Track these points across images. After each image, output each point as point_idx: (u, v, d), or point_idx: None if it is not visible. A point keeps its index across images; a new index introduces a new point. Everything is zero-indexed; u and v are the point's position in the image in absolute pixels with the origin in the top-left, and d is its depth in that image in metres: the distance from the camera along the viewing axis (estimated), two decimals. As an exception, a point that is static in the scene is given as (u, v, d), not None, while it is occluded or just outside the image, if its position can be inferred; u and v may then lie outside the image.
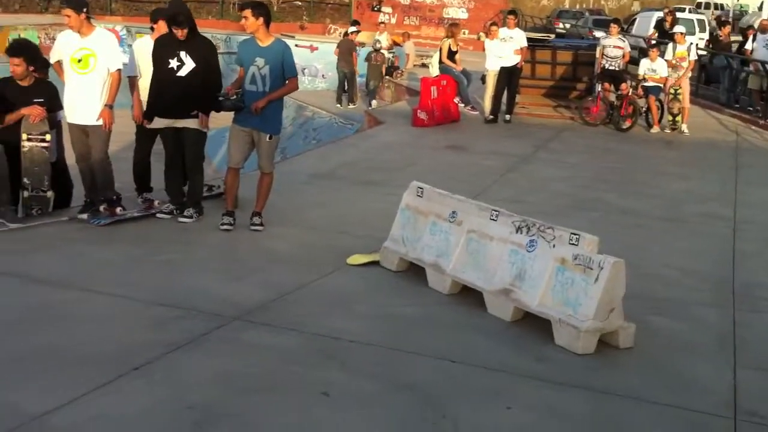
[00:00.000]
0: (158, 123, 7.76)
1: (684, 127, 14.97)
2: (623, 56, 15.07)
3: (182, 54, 7.54)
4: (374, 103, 17.93)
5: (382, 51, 19.46)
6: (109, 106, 7.52)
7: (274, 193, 7.96)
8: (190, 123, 7.69)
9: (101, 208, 7.77)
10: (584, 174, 11.35)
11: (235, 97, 7.47)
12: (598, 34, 25.94)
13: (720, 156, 13.23)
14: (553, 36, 23.99)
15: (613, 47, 15.02)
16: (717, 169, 12.08)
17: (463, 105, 15.94)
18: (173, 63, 7.53)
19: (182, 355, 4.97)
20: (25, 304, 5.67)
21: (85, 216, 7.70)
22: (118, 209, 7.77)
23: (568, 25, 38.40)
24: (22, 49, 7.60)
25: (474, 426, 4.33)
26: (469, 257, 6.23)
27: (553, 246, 5.68)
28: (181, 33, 7.47)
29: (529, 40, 16.11)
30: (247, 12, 7.42)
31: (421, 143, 13.14)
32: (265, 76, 7.42)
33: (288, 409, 4.40)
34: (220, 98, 7.50)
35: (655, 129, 14.89)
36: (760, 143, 14.63)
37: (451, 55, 15.88)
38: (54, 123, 7.76)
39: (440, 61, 16.01)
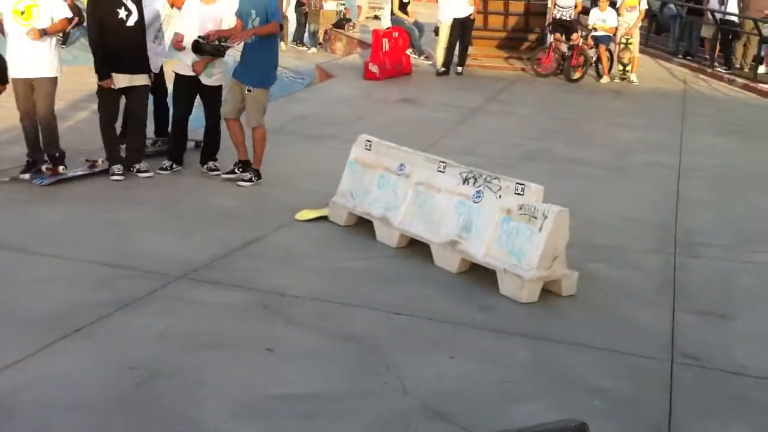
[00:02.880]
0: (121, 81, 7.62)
1: (633, 77, 15.10)
2: (575, 6, 15.08)
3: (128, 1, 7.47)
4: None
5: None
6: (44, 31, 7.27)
7: (222, 148, 7.93)
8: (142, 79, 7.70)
9: (43, 168, 7.61)
10: (535, 125, 11.41)
11: (216, 43, 7.52)
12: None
13: (668, 105, 13.37)
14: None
15: (565, -4, 15.01)
16: (664, 118, 12.22)
17: (416, 56, 15.86)
18: (121, 12, 7.45)
19: (126, 315, 4.93)
20: (-36, 266, 5.57)
21: (27, 176, 7.55)
22: (61, 168, 7.62)
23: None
24: None
25: (417, 375, 4.38)
26: (417, 210, 6.25)
27: (499, 196, 5.72)
28: None
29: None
30: None
31: (373, 97, 13.06)
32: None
33: (232, 366, 4.39)
34: (201, 41, 7.52)
35: (605, 79, 14.98)
36: (708, 92, 14.81)
37: (403, 6, 15.74)
38: None
39: (392, 13, 15.85)
